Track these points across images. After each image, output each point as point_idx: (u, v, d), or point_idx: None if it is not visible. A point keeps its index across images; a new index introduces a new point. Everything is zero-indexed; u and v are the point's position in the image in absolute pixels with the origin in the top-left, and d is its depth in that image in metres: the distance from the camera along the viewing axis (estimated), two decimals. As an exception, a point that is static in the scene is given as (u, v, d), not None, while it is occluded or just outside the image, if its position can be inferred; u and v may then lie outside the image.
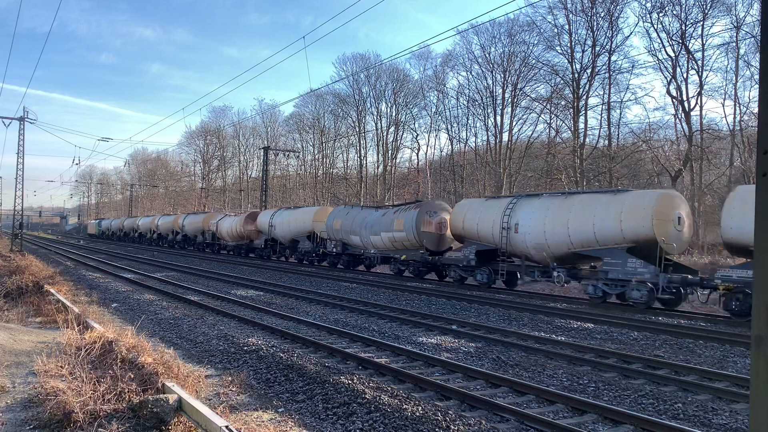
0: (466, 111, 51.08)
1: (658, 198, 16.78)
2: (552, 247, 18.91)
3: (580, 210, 18.21)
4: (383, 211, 27.93)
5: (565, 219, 18.42)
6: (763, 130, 1.52)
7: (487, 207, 22.08)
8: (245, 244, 41.29)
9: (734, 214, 15.02)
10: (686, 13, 33.18)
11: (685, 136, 34.16)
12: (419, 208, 25.27)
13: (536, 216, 19.49)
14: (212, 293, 19.14)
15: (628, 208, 17.01)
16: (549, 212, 19.15)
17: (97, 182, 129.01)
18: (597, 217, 17.62)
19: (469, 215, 22.61)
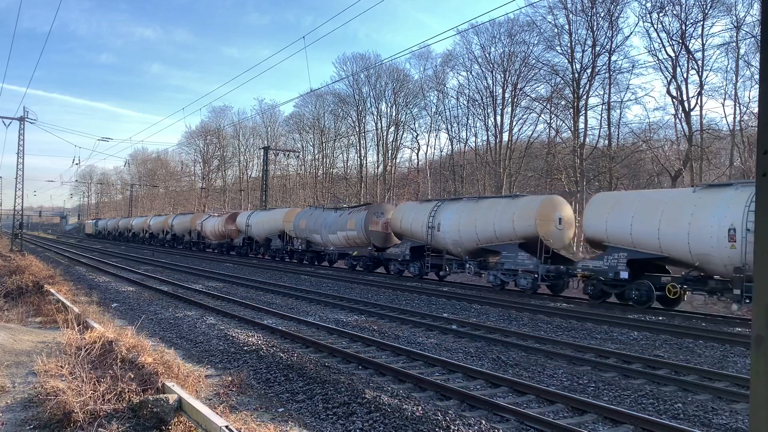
0: (466, 111, 51.09)
1: (541, 202, 20.18)
2: (465, 243, 22.35)
3: (485, 212, 21.59)
4: (340, 212, 30.86)
5: (474, 220, 21.83)
6: (763, 130, 1.52)
7: (419, 209, 25.47)
8: (226, 243, 44.44)
9: (590, 216, 18.35)
10: (686, 13, 33.17)
11: (685, 136, 34.15)
12: (368, 210, 28.58)
13: (453, 217, 22.86)
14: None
15: (519, 210, 20.31)
16: (462, 214, 22.54)
17: (97, 182, 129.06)
18: (497, 218, 20.98)
19: (405, 216, 26.00)
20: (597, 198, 19.62)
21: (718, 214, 14.84)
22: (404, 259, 25.90)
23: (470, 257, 22.38)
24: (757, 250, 1.50)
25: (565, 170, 39.48)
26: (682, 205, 16.01)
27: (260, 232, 39.30)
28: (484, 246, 21.61)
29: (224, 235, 44.31)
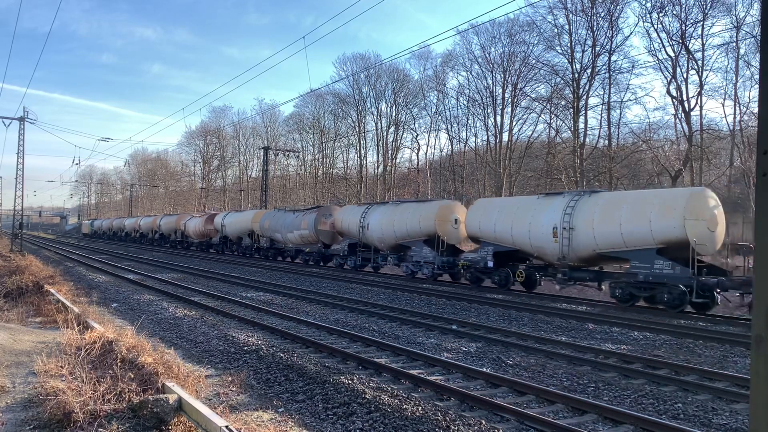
0: (466, 111, 51.12)
1: (440, 206, 25.00)
2: (387, 240, 26.89)
3: (401, 214, 26.15)
4: (296, 214, 34.82)
5: (393, 221, 26.44)
6: (763, 130, 1.52)
7: (355, 211, 29.93)
8: (206, 241, 48.64)
9: (469, 218, 22.81)
10: (686, 13, 33.20)
11: (685, 136, 34.16)
12: (318, 212, 32.77)
13: (378, 218, 27.43)
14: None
15: (423, 213, 25.02)
16: (385, 216, 27.09)
17: (97, 182, 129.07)
18: (409, 219, 25.56)
19: (345, 217, 30.39)
20: (475, 203, 24.45)
21: (547, 217, 19.16)
22: (344, 254, 30.52)
23: (391, 251, 27.02)
24: (757, 249, 1.50)
25: (565, 170, 39.47)
26: (527, 210, 20.24)
27: (233, 231, 43.28)
28: (401, 242, 26.17)
29: (204, 234, 48.16)
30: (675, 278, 15.81)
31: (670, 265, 15.97)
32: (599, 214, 17.73)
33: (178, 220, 55.17)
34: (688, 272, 15.50)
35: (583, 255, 18.29)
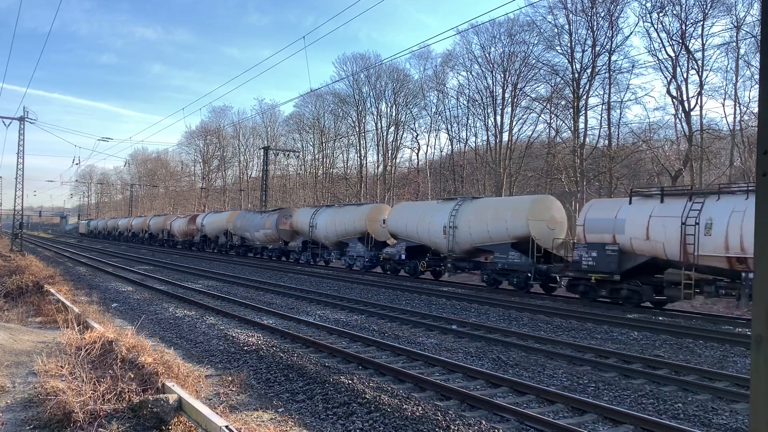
0: (466, 111, 51.06)
1: (371, 208, 29.68)
2: (331, 237, 31.54)
3: (342, 215, 30.87)
4: (262, 214, 39.33)
5: (335, 221, 31.06)
6: (763, 130, 1.52)
7: (307, 213, 34.87)
8: (189, 240, 52.62)
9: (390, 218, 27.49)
10: (686, 13, 33.15)
11: (685, 136, 34.14)
12: (279, 213, 37.38)
13: (325, 219, 32.13)
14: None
15: (357, 214, 29.71)
16: (329, 217, 31.87)
17: (97, 182, 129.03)
18: (347, 220, 30.07)
19: (299, 218, 35.34)
20: (394, 207, 29.98)
21: (440, 218, 23.77)
22: (299, 250, 35.24)
23: (334, 248, 31.88)
24: (757, 250, 1.50)
25: (565, 170, 39.47)
26: (428, 212, 24.95)
27: (212, 230, 47.45)
28: (341, 239, 30.86)
29: (187, 233, 52.16)
30: (522, 265, 20.26)
31: (519, 255, 20.39)
32: (474, 216, 22.37)
33: (165, 220, 58.83)
34: (530, 261, 19.86)
35: (464, 248, 22.99)
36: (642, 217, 16.52)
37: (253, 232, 39.45)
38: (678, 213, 15.67)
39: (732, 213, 14.59)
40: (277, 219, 36.57)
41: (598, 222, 17.74)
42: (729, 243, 14.53)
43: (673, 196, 16.59)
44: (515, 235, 20.61)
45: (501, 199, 24.91)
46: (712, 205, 15.16)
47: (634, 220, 16.71)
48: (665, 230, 15.88)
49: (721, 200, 15.12)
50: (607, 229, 17.39)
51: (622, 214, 17.18)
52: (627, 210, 17.16)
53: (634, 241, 16.69)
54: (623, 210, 17.27)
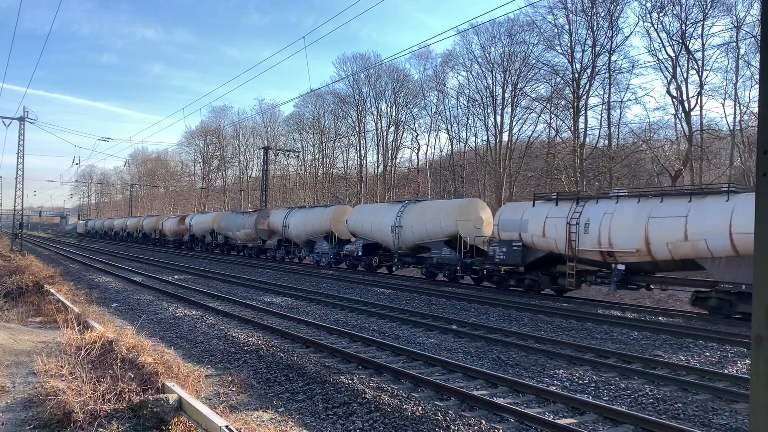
0: (466, 111, 51.05)
1: (335, 210, 32.79)
2: (302, 236, 34.66)
3: (311, 216, 33.99)
4: (243, 215, 42.65)
5: (305, 221, 34.13)
6: (763, 130, 1.52)
7: (281, 213, 37.50)
8: (179, 239, 55.57)
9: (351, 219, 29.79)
10: (686, 13, 33.15)
11: (685, 136, 34.13)
12: (258, 214, 40.48)
13: (296, 219, 35.26)
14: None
15: (323, 215, 32.83)
16: (300, 217, 34.85)
17: (97, 182, 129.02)
18: (314, 220, 33.32)
19: (275, 218, 37.96)
20: (355, 208, 32.40)
21: (389, 218, 26.72)
22: (274, 248, 38.17)
23: (304, 246, 34.93)
24: (757, 250, 1.50)
25: (565, 170, 39.45)
26: (380, 213, 27.98)
27: (199, 230, 50.17)
28: (310, 238, 34.06)
29: (177, 233, 55.09)
30: (452, 260, 23.34)
31: (450, 251, 23.42)
32: (415, 217, 25.42)
33: (158, 220, 61.51)
34: (458, 256, 22.91)
35: (408, 245, 25.96)
36: (540, 218, 19.15)
37: (235, 231, 42.72)
38: (565, 214, 18.26)
39: (604, 215, 17.22)
40: (255, 219, 39.79)
41: (508, 222, 20.42)
42: (601, 239, 17.17)
43: (564, 200, 19.13)
44: (447, 234, 23.69)
45: (437, 202, 27.45)
46: (590, 208, 17.78)
47: (535, 220, 19.35)
48: (556, 229, 18.51)
49: (599, 204, 17.78)
50: (514, 228, 20.08)
51: (525, 216, 19.82)
52: (530, 212, 19.82)
53: (534, 239, 19.38)
54: (527, 212, 19.89)
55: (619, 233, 16.79)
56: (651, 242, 16.10)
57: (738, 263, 14.63)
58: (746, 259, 14.43)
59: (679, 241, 15.56)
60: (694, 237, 15.25)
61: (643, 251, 16.29)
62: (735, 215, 14.52)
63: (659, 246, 15.96)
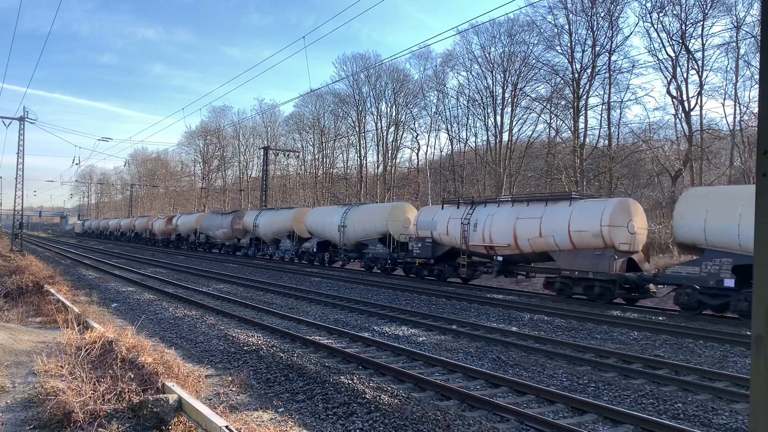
0: (466, 111, 51.06)
1: (296, 211, 36.79)
2: (268, 235, 38.73)
3: (277, 217, 38.03)
4: (222, 216, 46.99)
5: (272, 221, 38.29)
6: (763, 130, 1.52)
7: (252, 215, 41.44)
8: (166, 238, 59.37)
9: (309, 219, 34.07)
10: (686, 13, 33.16)
11: (685, 136, 34.14)
12: (234, 215, 44.69)
13: (264, 220, 39.22)
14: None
15: (288, 216, 36.80)
16: (267, 218, 38.93)
17: (97, 182, 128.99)
18: (280, 220, 37.46)
19: (247, 219, 41.92)
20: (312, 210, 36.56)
21: (336, 218, 30.58)
22: (248, 245, 42.00)
23: (271, 243, 38.83)
24: (757, 249, 1.50)
25: (565, 170, 39.45)
26: (330, 214, 31.78)
27: (184, 230, 54.01)
28: (276, 237, 38.04)
29: (165, 233, 58.89)
30: (383, 254, 27.60)
31: (382, 247, 27.59)
32: (357, 218, 29.38)
33: (148, 221, 65.66)
34: (387, 251, 27.21)
35: (352, 242, 29.76)
36: (445, 219, 23.22)
37: (214, 231, 46.75)
38: (461, 216, 22.46)
39: (488, 216, 21.29)
40: (231, 220, 44.03)
41: (423, 222, 24.67)
42: (485, 236, 21.24)
43: (463, 204, 23.27)
44: (380, 232, 27.88)
45: (373, 205, 31.65)
46: (479, 211, 21.94)
47: (442, 221, 23.36)
48: (456, 228, 22.54)
49: (486, 207, 21.96)
50: (427, 228, 24.19)
51: (435, 217, 23.87)
52: (439, 214, 23.85)
53: (441, 236, 23.47)
54: (437, 214, 23.99)
55: (497, 231, 20.81)
56: (518, 238, 20.08)
57: (575, 255, 18.34)
58: (581, 252, 18.18)
59: (536, 237, 19.42)
60: (546, 234, 19.06)
61: (513, 245, 20.30)
62: (573, 217, 18.31)
63: (523, 241, 19.92)
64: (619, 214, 17.65)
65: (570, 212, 18.47)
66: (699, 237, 15.58)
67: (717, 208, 15.29)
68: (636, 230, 17.95)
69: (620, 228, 17.53)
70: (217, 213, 49.98)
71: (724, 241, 14.97)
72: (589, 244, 17.89)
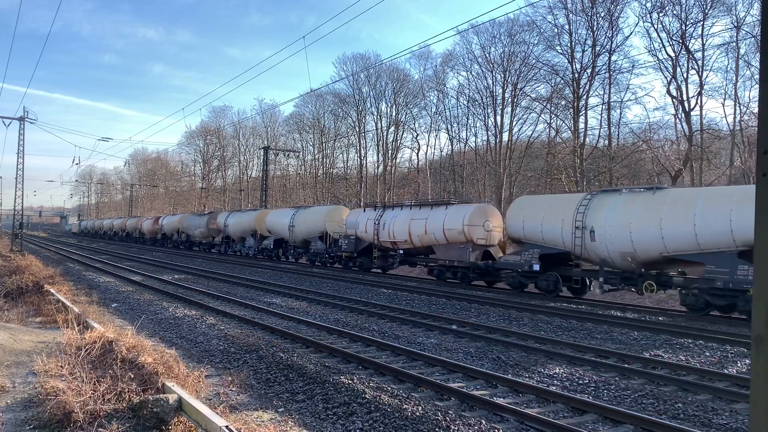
0: (466, 111, 51.04)
1: (258, 213, 41.41)
2: (236, 234, 43.17)
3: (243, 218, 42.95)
4: (200, 217, 51.48)
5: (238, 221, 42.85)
6: (763, 130, 1.52)
7: (223, 216, 45.89)
8: (153, 237, 64.21)
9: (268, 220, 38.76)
10: (686, 13, 33.13)
11: (685, 136, 34.12)
12: (209, 216, 49.24)
13: (233, 220, 43.80)
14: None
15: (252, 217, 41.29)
16: (235, 219, 43.60)
17: (97, 182, 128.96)
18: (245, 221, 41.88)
19: (219, 219, 46.22)
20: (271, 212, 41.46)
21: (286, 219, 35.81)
22: (221, 243, 46.44)
23: (239, 241, 43.24)
24: (757, 250, 1.50)
25: (565, 170, 39.44)
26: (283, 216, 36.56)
27: (169, 229, 58.85)
28: (242, 235, 42.66)
29: (153, 232, 63.82)
30: (322, 250, 32.57)
31: (321, 244, 32.58)
32: (303, 218, 34.18)
33: (138, 221, 70.83)
34: (325, 246, 32.20)
35: (299, 240, 34.77)
36: (364, 220, 28.37)
37: (193, 230, 51.42)
38: (374, 217, 27.75)
39: (392, 218, 26.72)
40: (207, 220, 48.59)
41: (350, 222, 29.87)
42: (390, 234, 26.55)
43: (379, 208, 28.71)
44: (320, 231, 32.79)
45: (316, 208, 36.44)
46: (387, 213, 27.39)
47: (362, 221, 28.50)
48: (371, 227, 27.65)
49: (393, 210, 27.47)
50: (353, 227, 29.28)
51: (359, 218, 29.02)
52: (362, 215, 29.12)
53: (362, 234, 28.50)
54: (360, 215, 29.26)
55: (397, 230, 26.10)
56: (411, 235, 25.34)
57: (448, 248, 23.52)
58: (451, 245, 23.23)
59: (423, 234, 24.68)
60: (429, 231, 24.27)
61: (409, 241, 25.63)
62: (447, 218, 23.41)
63: (415, 237, 25.19)
64: (477, 215, 22.82)
65: (445, 214, 23.61)
66: (520, 234, 20.48)
67: (530, 213, 20.18)
68: (491, 228, 22.90)
69: (477, 227, 22.64)
70: (196, 214, 55.03)
71: (534, 237, 19.93)
72: (456, 239, 23.05)
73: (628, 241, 16.67)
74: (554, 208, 19.39)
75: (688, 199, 15.88)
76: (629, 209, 16.96)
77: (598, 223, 17.51)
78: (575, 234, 18.07)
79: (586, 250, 17.90)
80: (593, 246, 17.62)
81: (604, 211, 17.54)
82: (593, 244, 17.62)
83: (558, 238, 18.81)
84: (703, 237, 15.11)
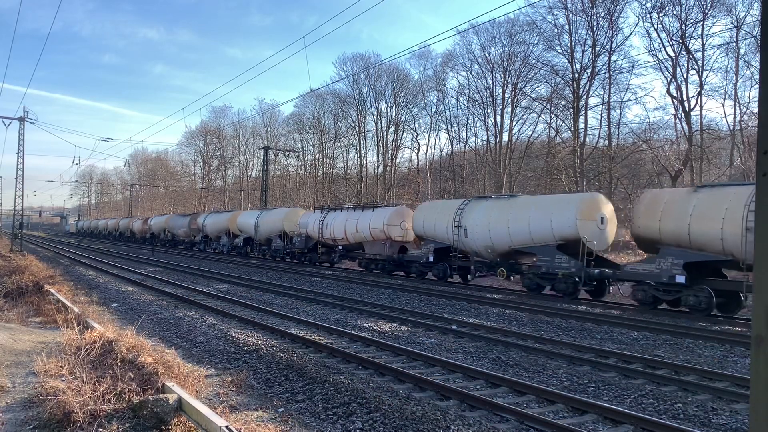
0: (466, 111, 51.12)
1: (231, 214, 44.86)
2: (214, 233, 46.86)
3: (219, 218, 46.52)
4: (183, 217, 55.82)
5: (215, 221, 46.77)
6: (763, 130, 1.52)
7: (203, 216, 49.88)
8: (143, 236, 67.60)
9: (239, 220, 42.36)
10: (686, 13, 33.18)
11: (685, 136, 34.15)
12: (191, 216, 53.66)
13: (210, 220, 47.68)
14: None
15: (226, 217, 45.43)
16: (213, 219, 47.41)
17: (97, 182, 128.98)
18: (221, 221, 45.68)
19: (200, 219, 49.67)
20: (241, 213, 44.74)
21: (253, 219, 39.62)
22: (200, 241, 50.11)
23: (215, 240, 46.71)
24: (757, 250, 1.50)
25: (565, 170, 39.46)
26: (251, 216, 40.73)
27: (157, 229, 62.59)
28: (218, 234, 45.87)
29: (143, 231, 67.44)
30: (280, 247, 36.35)
31: (281, 242, 36.29)
32: (266, 219, 38.26)
33: (129, 221, 75.38)
34: (283, 244, 35.99)
35: (264, 238, 38.58)
36: (312, 220, 32.42)
37: (178, 230, 55.51)
38: (320, 218, 31.54)
39: (332, 219, 30.55)
40: (189, 220, 52.72)
41: (302, 223, 33.88)
42: (330, 232, 30.44)
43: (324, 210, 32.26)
44: (280, 230, 36.61)
45: (276, 210, 40.51)
46: (329, 215, 31.19)
47: (311, 222, 32.42)
48: (316, 227, 31.69)
49: (335, 212, 31.24)
50: (304, 226, 33.39)
51: (309, 219, 33.01)
52: (312, 216, 33.20)
53: (311, 233, 32.53)
54: (311, 216, 33.35)
55: (336, 229, 30.06)
56: (347, 233, 29.32)
57: (373, 244, 27.80)
58: (376, 242, 27.53)
59: (355, 232, 28.73)
60: (359, 230, 28.37)
61: (345, 238, 29.58)
62: (372, 219, 27.71)
63: (350, 235, 29.15)
64: (395, 216, 27.26)
65: (371, 216, 27.92)
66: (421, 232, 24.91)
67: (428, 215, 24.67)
68: (407, 228, 26.83)
69: (395, 226, 26.98)
70: (180, 215, 59.12)
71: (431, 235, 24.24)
72: (379, 237, 27.43)
73: (488, 237, 21.15)
74: (443, 211, 23.76)
75: (526, 205, 20.41)
76: (490, 212, 21.36)
77: (470, 223, 21.98)
78: (455, 232, 22.55)
79: (462, 244, 22.51)
80: (466, 241, 22.20)
81: (474, 214, 22.03)
82: (466, 240, 22.20)
83: (445, 235, 23.20)
84: (534, 234, 19.49)
